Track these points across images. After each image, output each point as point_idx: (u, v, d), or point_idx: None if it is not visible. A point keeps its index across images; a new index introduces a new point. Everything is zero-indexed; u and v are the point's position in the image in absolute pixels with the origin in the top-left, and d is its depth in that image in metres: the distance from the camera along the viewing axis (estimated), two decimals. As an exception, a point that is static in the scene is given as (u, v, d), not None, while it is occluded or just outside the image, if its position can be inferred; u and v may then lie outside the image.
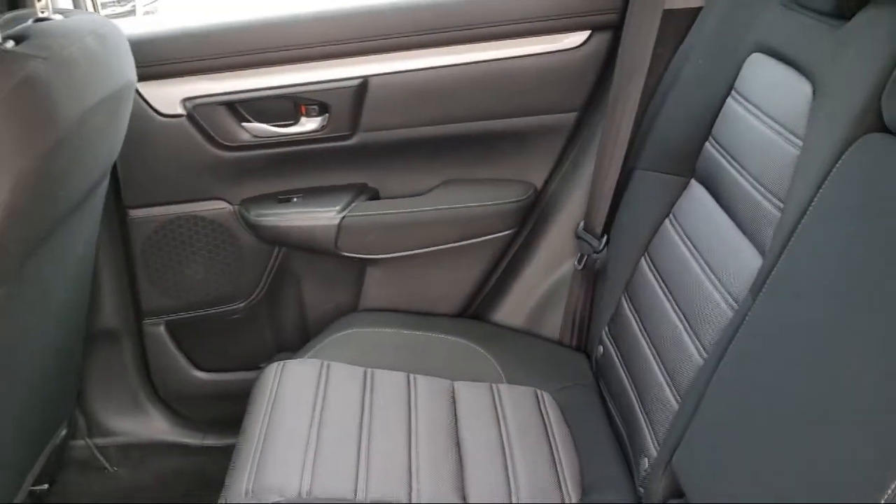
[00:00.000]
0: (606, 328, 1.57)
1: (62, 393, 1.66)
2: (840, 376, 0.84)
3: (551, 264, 1.76)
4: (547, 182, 1.77)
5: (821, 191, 0.99)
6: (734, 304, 1.14)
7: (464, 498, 1.29)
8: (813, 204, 0.99)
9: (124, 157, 1.60)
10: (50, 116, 1.02)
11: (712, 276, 1.24)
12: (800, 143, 1.10)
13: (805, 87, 1.13)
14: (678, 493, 1.13)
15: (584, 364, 1.68)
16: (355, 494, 1.26)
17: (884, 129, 0.95)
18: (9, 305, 1.10)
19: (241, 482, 1.27)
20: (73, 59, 1.08)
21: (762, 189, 1.17)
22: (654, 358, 1.34)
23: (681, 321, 1.29)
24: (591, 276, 1.68)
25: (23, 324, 1.22)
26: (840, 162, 0.97)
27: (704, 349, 1.19)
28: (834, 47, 1.09)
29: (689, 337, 1.24)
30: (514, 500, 1.30)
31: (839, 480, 0.80)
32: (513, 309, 1.80)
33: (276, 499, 1.24)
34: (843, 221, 0.93)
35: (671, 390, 1.25)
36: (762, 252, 1.12)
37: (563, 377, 1.62)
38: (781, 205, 1.10)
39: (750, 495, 0.93)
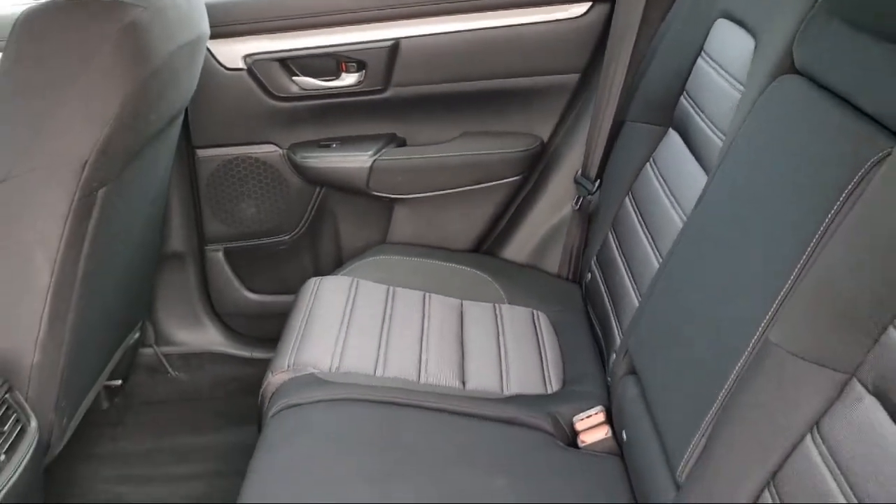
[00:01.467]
0: (595, 258, 1.83)
1: (137, 301, 1.98)
2: (738, 260, 1.11)
3: (553, 207, 2.03)
4: (552, 135, 2.04)
5: (744, 123, 1.24)
6: (684, 218, 1.40)
7: (463, 384, 1.57)
8: (738, 133, 1.25)
9: (195, 104, 1.91)
10: (146, 53, 1.32)
11: (673, 200, 1.50)
12: (741, 87, 1.35)
13: (749, 43, 1.38)
14: (633, 371, 1.40)
15: (577, 293, 1.94)
16: (374, 372, 1.55)
17: (796, 71, 1.19)
18: (109, 205, 1.40)
19: (283, 358, 1.57)
20: (165, 9, 1.38)
21: (713, 126, 1.43)
22: (627, 273, 1.61)
23: (648, 240, 1.55)
24: (586, 217, 1.94)
25: (116, 228, 1.53)
26: (759, 99, 1.22)
27: (660, 256, 1.45)
28: (772, 5, 1.33)
29: (652, 250, 1.51)
30: (505, 391, 1.57)
31: (734, 330, 1.06)
32: (519, 246, 2.08)
33: (311, 370, 1.53)
34: (752, 146, 1.18)
35: (635, 293, 1.52)
36: (708, 174, 1.38)
37: (558, 302, 1.89)
38: (724, 136, 1.36)
39: (677, 358, 1.20)
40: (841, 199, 0.93)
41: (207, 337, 2.22)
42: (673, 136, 1.66)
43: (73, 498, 1.84)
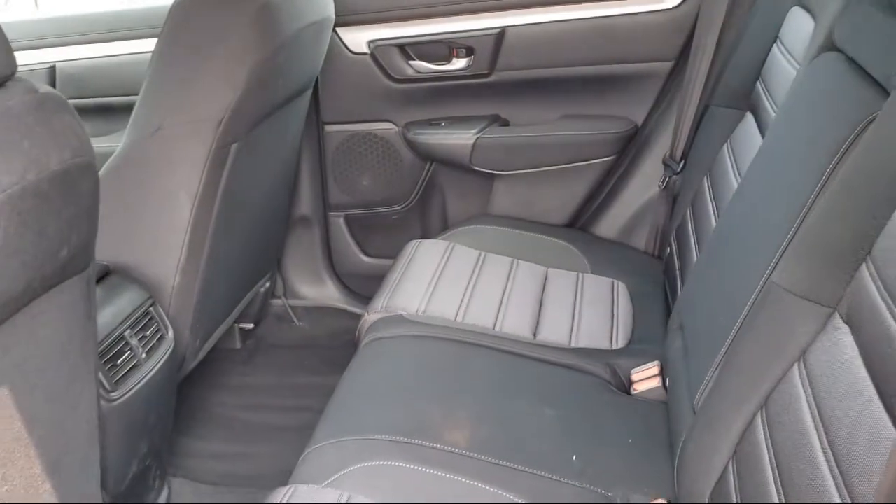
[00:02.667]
0: (674, 234, 1.95)
1: (267, 251, 2.27)
2: (760, 215, 1.23)
3: (643, 186, 2.16)
4: (646, 119, 2.17)
5: (788, 97, 1.35)
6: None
7: (534, 335, 1.74)
8: (783, 107, 1.36)
9: (324, 84, 2.19)
10: (275, 30, 1.59)
11: (738, 177, 1.61)
12: (797, 65, 1.45)
13: (811, 25, 1.47)
14: (682, 326, 1.53)
15: (659, 267, 2.06)
16: (454, 318, 1.75)
17: (836, 48, 1.29)
18: (240, 158, 1.68)
19: (378, 301, 1.81)
20: (293, -7, 1.65)
21: (774, 104, 1.53)
22: (696, 247, 1.72)
23: (715, 216, 1.67)
24: (671, 196, 2.06)
25: (246, 180, 1.81)
26: (800, 73, 1.33)
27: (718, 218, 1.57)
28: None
29: (714, 217, 1.62)
30: (572, 344, 1.72)
31: (748, 276, 1.19)
32: (609, 223, 2.22)
33: (400, 312, 1.75)
34: (787, 116, 1.29)
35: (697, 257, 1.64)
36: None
37: (639, 275, 2.02)
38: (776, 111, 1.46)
39: (707, 307, 1.33)
40: (834, 159, 1.05)
41: (327, 293, 2.50)
42: (748, 119, 1.75)
43: (201, 417, 2.15)
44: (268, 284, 2.35)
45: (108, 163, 1.61)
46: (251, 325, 2.41)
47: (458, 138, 2.22)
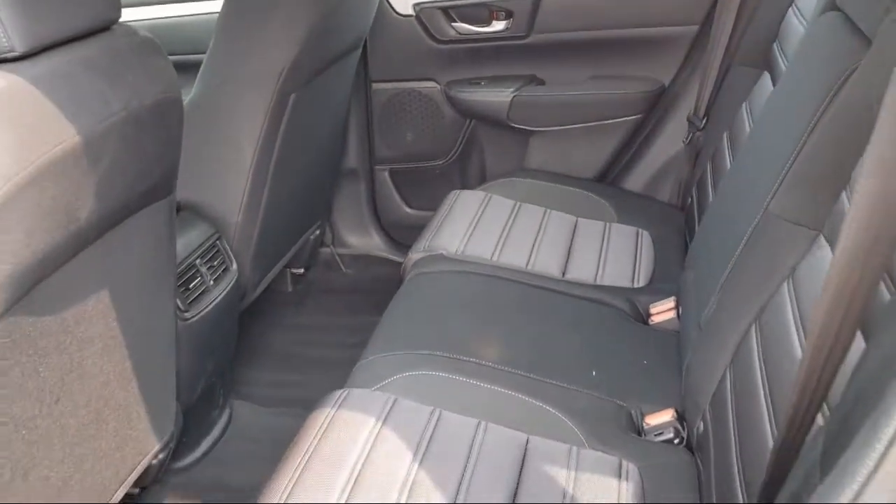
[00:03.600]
0: (695, 186, 2.08)
1: (318, 200, 2.45)
2: (764, 155, 1.37)
3: (668, 143, 2.29)
4: (673, 80, 2.29)
5: (793, 55, 1.48)
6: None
7: (563, 274, 1.90)
8: (789, 63, 1.49)
9: (372, 44, 2.35)
10: (328, -7, 1.76)
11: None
12: (806, 23, 1.58)
13: (821, -13, 1.60)
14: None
15: (682, 218, 2.20)
16: (490, 258, 1.91)
17: (836, 7, 1.42)
18: (297, 109, 1.86)
19: (421, 242, 1.98)
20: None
21: (786, 61, 1.66)
22: (712, 195, 1.86)
23: (731, 165, 1.80)
24: (694, 151, 2.19)
25: (303, 130, 1.98)
26: (804, 33, 1.46)
27: (730, 170, 1.71)
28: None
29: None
30: (597, 282, 1.88)
31: (750, 207, 1.33)
32: (637, 177, 2.36)
33: (441, 252, 1.93)
34: (791, 70, 1.43)
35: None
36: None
37: (663, 225, 2.16)
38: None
39: (713, 240, 1.48)
40: (824, 102, 1.19)
41: (372, 242, 2.68)
42: (765, 78, 1.88)
43: (259, 350, 2.35)
44: (318, 232, 2.53)
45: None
46: (302, 271, 2.60)
47: (496, 96, 2.38)
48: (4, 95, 0.90)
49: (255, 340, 2.38)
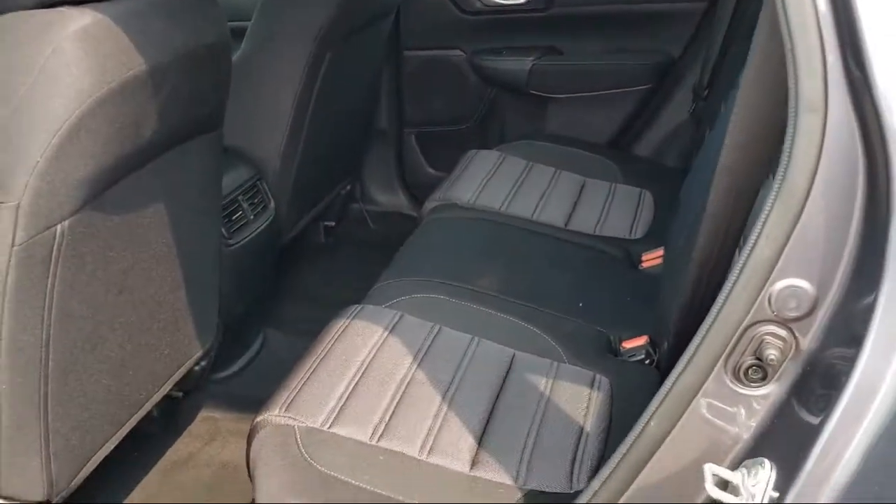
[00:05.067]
0: (696, 151, 2.25)
1: (348, 157, 2.67)
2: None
3: (675, 111, 2.47)
4: (682, 53, 2.46)
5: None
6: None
7: (566, 224, 2.09)
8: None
9: (404, 13, 2.55)
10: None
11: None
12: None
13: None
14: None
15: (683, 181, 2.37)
16: (499, 208, 2.11)
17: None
18: (332, 67, 2.07)
19: (438, 193, 2.20)
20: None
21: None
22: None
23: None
24: (697, 119, 2.36)
25: (337, 88, 2.19)
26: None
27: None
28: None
29: (716, 130, 1.93)
30: (596, 233, 2.06)
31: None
32: (645, 143, 2.54)
33: (455, 201, 2.13)
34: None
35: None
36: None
37: (665, 186, 2.32)
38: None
39: (692, 189, 1.66)
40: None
41: (398, 201, 2.89)
42: (762, 49, 2.04)
43: (293, 290, 2.57)
44: (348, 188, 2.75)
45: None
46: (333, 224, 2.82)
47: (516, 65, 2.57)
48: (89, 29, 1.12)
49: (289, 282, 2.61)
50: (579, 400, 1.45)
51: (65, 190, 1.15)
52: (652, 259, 1.94)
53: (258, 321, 2.23)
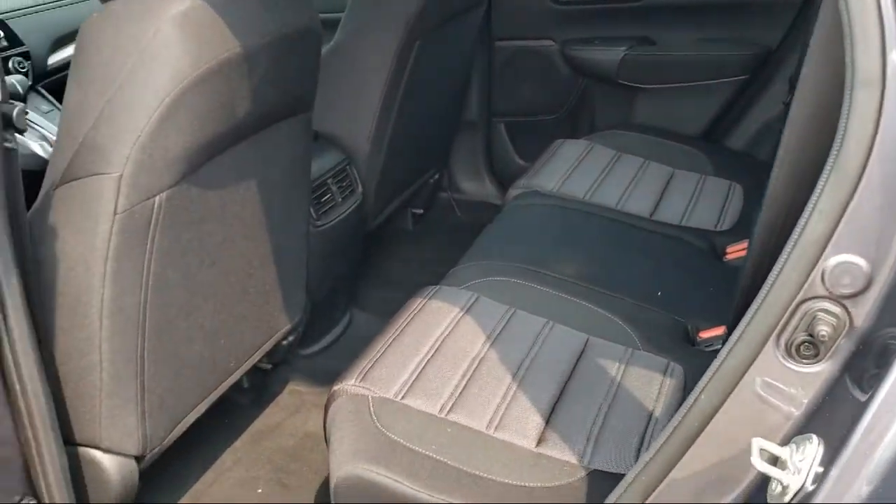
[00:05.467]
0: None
1: (437, 146, 2.72)
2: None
3: (770, 103, 2.41)
4: (780, 44, 2.40)
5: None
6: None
7: (651, 214, 2.07)
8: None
9: (496, 3, 2.58)
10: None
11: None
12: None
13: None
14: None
15: (777, 174, 2.31)
16: (583, 197, 2.12)
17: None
18: (422, 55, 2.12)
19: (522, 180, 2.22)
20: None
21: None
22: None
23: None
24: (793, 111, 2.29)
25: (426, 76, 2.24)
26: None
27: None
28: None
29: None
30: (683, 221, 2.04)
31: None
32: (738, 135, 2.49)
33: (537, 189, 2.15)
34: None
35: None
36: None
37: (757, 180, 2.26)
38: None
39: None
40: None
41: (485, 190, 2.93)
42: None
43: (380, 275, 2.65)
44: (437, 176, 2.81)
45: (323, 54, 2.11)
46: (421, 211, 2.88)
47: (607, 55, 2.56)
48: (189, 13, 1.21)
49: (376, 266, 2.69)
50: (651, 386, 1.46)
51: (163, 164, 1.24)
52: (737, 251, 1.91)
53: (345, 301, 2.31)
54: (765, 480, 0.76)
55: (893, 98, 0.67)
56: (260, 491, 1.76)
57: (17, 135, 1.16)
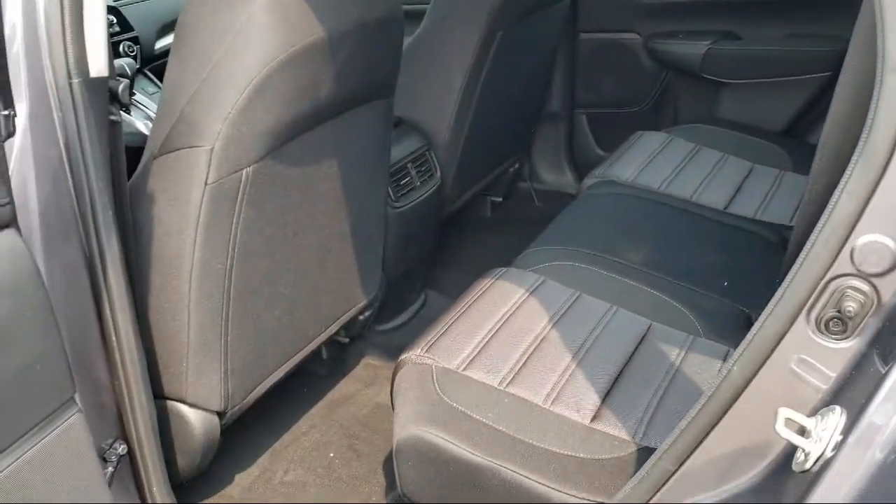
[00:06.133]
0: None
1: (518, 137, 2.77)
2: None
3: (857, 100, 2.36)
4: (869, 39, 2.35)
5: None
6: None
7: (725, 207, 2.08)
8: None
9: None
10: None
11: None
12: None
13: None
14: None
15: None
16: (658, 188, 2.14)
17: None
18: (503, 46, 2.18)
19: (598, 170, 2.26)
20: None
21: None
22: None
23: None
24: (881, 107, 2.25)
25: (507, 67, 2.30)
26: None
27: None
28: None
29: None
30: (756, 214, 2.04)
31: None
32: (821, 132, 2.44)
33: (613, 178, 2.18)
34: None
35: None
36: None
37: (840, 176, 2.26)
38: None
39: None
40: None
41: (565, 180, 2.97)
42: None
43: (456, 259, 2.72)
44: (517, 165, 2.86)
45: (406, 45, 2.19)
46: (500, 199, 2.94)
47: (691, 49, 2.56)
48: (279, 0, 1.31)
49: (453, 251, 2.76)
50: (709, 372, 1.48)
51: (251, 139, 1.34)
52: (810, 246, 1.90)
53: (420, 282, 2.40)
54: (791, 453, 0.80)
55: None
56: (332, 455, 1.87)
57: (122, 113, 1.29)
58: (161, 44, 2.33)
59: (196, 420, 1.55)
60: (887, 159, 0.72)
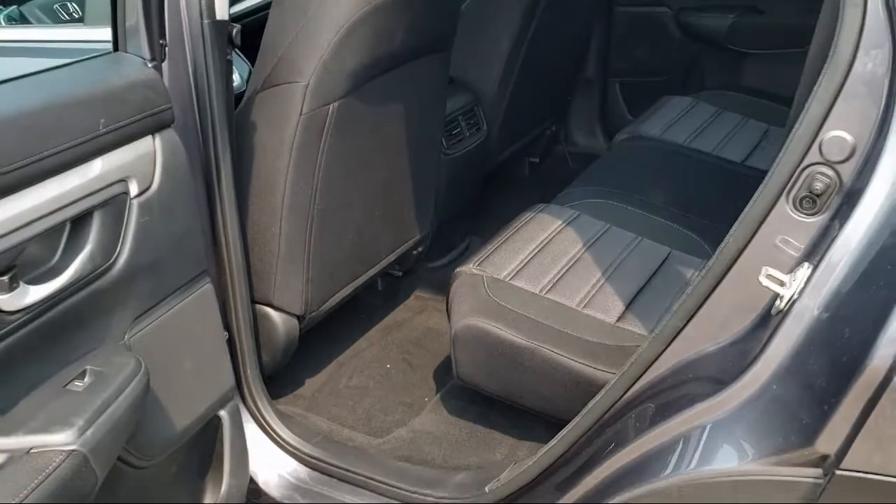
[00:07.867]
0: None
1: (555, 100, 3.02)
2: None
3: None
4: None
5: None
6: None
7: (743, 161, 2.31)
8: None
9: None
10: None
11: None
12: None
13: None
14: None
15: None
16: (682, 142, 2.37)
17: None
18: (546, 15, 2.43)
19: (628, 127, 2.50)
20: None
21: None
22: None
23: None
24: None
25: (547, 38, 2.54)
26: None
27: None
28: None
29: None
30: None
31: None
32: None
33: (641, 134, 2.42)
34: None
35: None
36: None
37: None
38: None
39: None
40: None
41: (597, 143, 3.20)
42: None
43: (494, 210, 2.96)
44: (553, 129, 3.10)
45: (462, 8, 2.45)
46: (537, 160, 3.19)
47: (717, 21, 2.78)
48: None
49: (493, 205, 3.02)
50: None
51: (338, 77, 1.61)
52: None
53: (465, 227, 2.66)
54: (772, 304, 1.04)
55: (872, 11, 0.93)
56: (389, 366, 2.14)
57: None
58: (234, 9, 2.59)
59: (280, 321, 1.82)
60: (847, 71, 0.96)
